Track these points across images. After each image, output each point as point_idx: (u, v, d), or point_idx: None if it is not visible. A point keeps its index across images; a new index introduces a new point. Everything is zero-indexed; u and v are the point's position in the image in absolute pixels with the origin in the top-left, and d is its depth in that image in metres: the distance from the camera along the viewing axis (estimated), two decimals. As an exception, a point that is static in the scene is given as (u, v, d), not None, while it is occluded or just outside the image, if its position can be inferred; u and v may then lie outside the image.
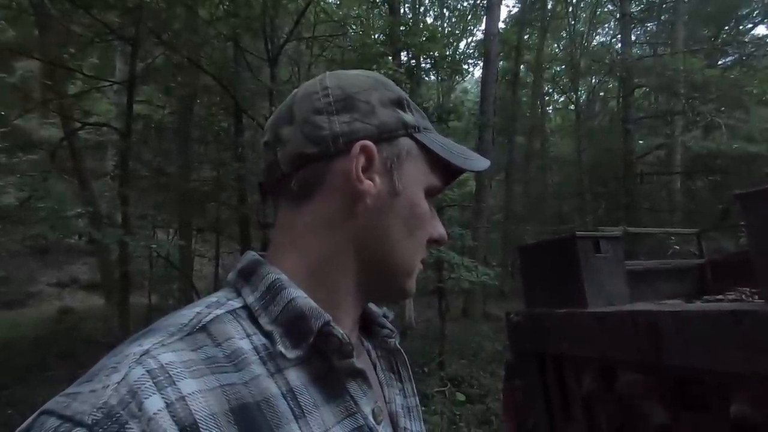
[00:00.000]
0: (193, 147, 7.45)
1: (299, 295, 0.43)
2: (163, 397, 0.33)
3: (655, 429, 1.26)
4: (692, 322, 1.12)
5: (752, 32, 13.77)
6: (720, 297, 1.76)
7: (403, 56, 7.68)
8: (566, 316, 1.53)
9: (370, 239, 0.47)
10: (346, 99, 0.47)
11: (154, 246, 5.43)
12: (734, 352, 1.00)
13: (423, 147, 0.50)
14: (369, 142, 0.46)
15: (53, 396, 0.34)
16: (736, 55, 12.39)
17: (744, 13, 13.30)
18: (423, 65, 8.11)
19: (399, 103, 0.50)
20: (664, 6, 13.28)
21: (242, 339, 0.40)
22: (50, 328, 7.33)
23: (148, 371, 0.34)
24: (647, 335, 1.21)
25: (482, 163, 0.54)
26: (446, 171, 0.53)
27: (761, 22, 13.37)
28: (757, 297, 1.56)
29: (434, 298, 7.02)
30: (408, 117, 0.50)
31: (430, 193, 0.52)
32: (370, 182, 0.46)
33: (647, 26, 15.06)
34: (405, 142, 0.49)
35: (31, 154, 7.63)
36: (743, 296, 1.65)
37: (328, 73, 0.50)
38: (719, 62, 12.37)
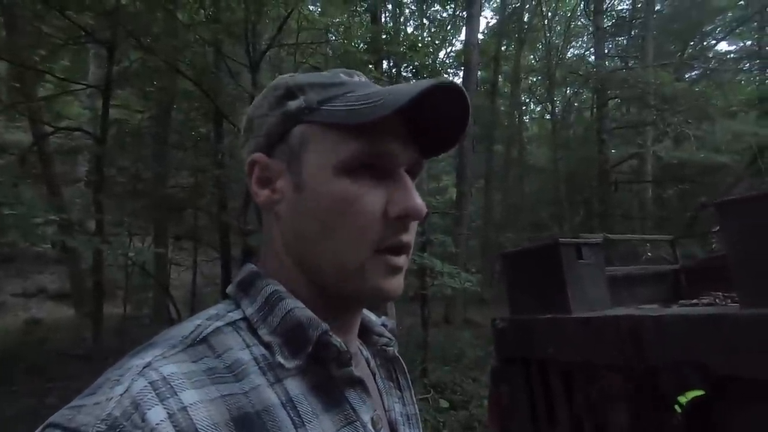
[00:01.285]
0: (171, 153, 7.29)
1: (297, 306, 0.43)
2: (165, 408, 0.33)
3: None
4: (673, 326, 1.16)
5: (716, 48, 14.51)
6: (695, 301, 1.82)
7: (385, 64, 7.76)
8: (551, 322, 1.56)
9: (294, 243, 0.46)
10: (247, 125, 0.49)
11: (131, 254, 5.27)
12: (714, 353, 1.04)
13: (323, 123, 0.44)
14: (255, 154, 0.47)
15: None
16: (702, 69, 13.01)
17: (708, 29, 13.99)
18: (404, 74, 8.21)
19: (288, 95, 0.46)
20: (634, 21, 13.86)
21: (242, 350, 0.41)
22: (16, 340, 6.98)
23: (150, 383, 0.34)
24: (630, 338, 1.24)
25: (401, 95, 0.39)
26: (376, 129, 0.42)
27: (724, 39, 14.08)
28: (730, 301, 1.62)
29: (415, 305, 7.04)
30: (294, 104, 0.45)
31: (350, 166, 0.42)
32: (268, 192, 0.46)
33: (619, 40, 15.65)
34: (297, 131, 0.45)
35: (-2, 159, 7.32)
36: (717, 300, 1.71)
37: None
38: (686, 76, 12.95)
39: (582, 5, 15.15)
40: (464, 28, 11.78)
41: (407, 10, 14.61)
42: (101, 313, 5.27)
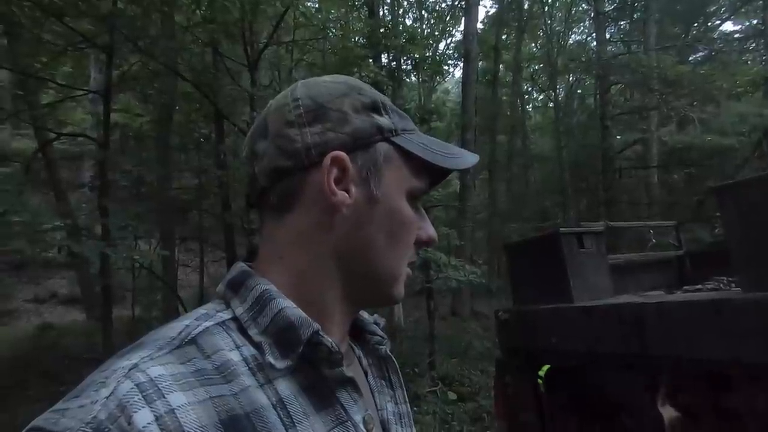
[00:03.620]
0: (173, 155, 7.33)
1: (288, 306, 0.43)
2: (152, 411, 0.33)
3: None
4: (674, 312, 1.15)
5: (720, 28, 14.25)
6: (699, 287, 1.81)
7: (384, 59, 7.72)
8: (553, 312, 1.55)
9: (351, 249, 0.47)
10: (317, 109, 0.46)
11: (137, 257, 5.31)
12: (715, 339, 1.03)
13: (403, 150, 0.48)
14: (341, 153, 0.45)
15: (33, 416, 0.33)
16: (706, 51, 12.79)
17: (711, 10, 13.74)
18: (404, 67, 8.17)
19: (374, 108, 0.48)
20: (636, 4, 13.63)
21: (231, 351, 0.40)
22: (29, 345, 7.10)
23: (137, 385, 0.34)
24: (632, 326, 1.24)
25: (468, 159, 0.52)
26: (431, 171, 0.51)
27: (728, 19, 13.82)
28: (734, 285, 1.61)
29: (422, 299, 7.05)
30: (383, 121, 0.48)
31: (413, 196, 0.50)
32: (344, 193, 0.45)
33: (621, 24, 15.42)
34: (382, 148, 0.48)
35: (4, 167, 7.41)
36: (721, 285, 1.70)
37: (300, 82, 0.50)
38: (690, 58, 12.74)
39: (582, -10, 14.94)
40: (463, 18, 11.67)
41: (405, 2, 14.48)
42: (110, 317, 5.34)
